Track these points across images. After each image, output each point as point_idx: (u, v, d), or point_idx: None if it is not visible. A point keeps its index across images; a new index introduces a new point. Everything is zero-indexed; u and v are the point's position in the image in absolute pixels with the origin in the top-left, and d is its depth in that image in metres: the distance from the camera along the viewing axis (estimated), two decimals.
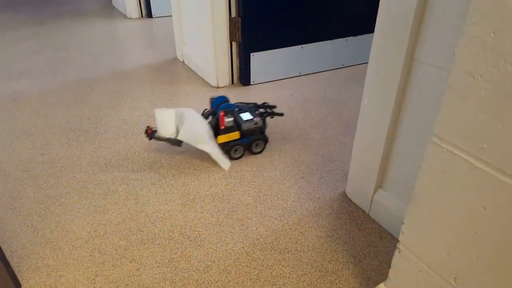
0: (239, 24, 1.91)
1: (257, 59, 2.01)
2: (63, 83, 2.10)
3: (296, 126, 1.68)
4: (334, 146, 1.54)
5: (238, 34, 1.94)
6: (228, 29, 1.93)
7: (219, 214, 1.20)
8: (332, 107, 1.84)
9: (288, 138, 1.60)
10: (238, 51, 2.01)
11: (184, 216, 1.20)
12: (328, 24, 2.12)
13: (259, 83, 2.09)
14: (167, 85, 2.08)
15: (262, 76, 2.08)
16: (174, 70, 2.29)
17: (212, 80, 2.07)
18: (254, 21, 1.91)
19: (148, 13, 3.33)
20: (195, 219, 1.18)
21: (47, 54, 2.52)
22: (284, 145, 1.55)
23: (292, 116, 1.77)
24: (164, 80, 2.14)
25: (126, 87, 2.06)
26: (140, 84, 2.09)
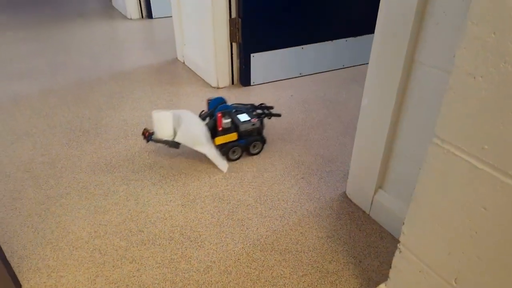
0: (239, 25, 1.91)
1: (257, 60, 2.02)
2: (63, 84, 2.10)
3: (296, 127, 1.69)
4: (334, 146, 1.55)
5: (238, 35, 1.94)
6: (228, 29, 1.93)
7: (220, 215, 1.20)
8: (332, 108, 1.84)
9: (288, 139, 1.60)
10: (238, 52, 2.01)
11: (185, 216, 1.20)
12: (328, 24, 2.12)
13: (259, 83, 2.09)
14: (168, 85, 2.08)
15: (262, 76, 2.08)
16: (174, 70, 2.29)
17: (212, 81, 2.07)
18: (254, 21, 1.91)
19: (149, 14, 3.33)
20: (196, 219, 1.19)
21: (47, 55, 2.52)
22: (284, 145, 1.55)
23: (292, 116, 1.77)
24: (164, 80, 2.15)
25: (126, 87, 2.06)
26: (140, 85, 2.09)
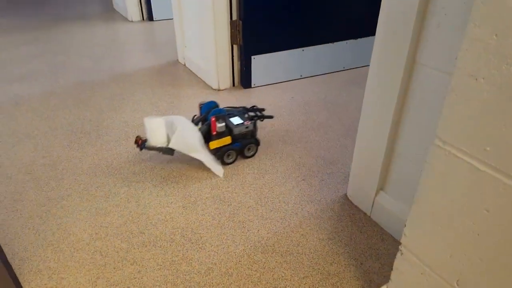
0: (240, 27, 1.91)
1: (258, 62, 2.02)
2: (64, 86, 2.10)
3: (297, 129, 1.69)
4: (335, 148, 1.55)
5: (239, 37, 1.94)
6: (229, 31, 1.94)
7: (221, 217, 1.20)
8: (333, 110, 1.85)
9: (289, 141, 1.60)
10: (239, 54, 2.02)
11: (186, 218, 1.20)
12: (328, 26, 2.12)
13: (260, 85, 2.10)
14: (168, 87, 2.09)
15: (263, 78, 2.09)
16: (175, 72, 2.30)
17: (213, 83, 2.07)
18: (255, 23, 1.92)
19: (149, 16, 3.33)
20: (197, 221, 1.18)
21: (48, 57, 2.53)
22: (285, 147, 1.55)
23: (293, 118, 1.77)
24: (165, 82, 2.15)
25: (127, 89, 2.06)
26: (141, 87, 2.09)
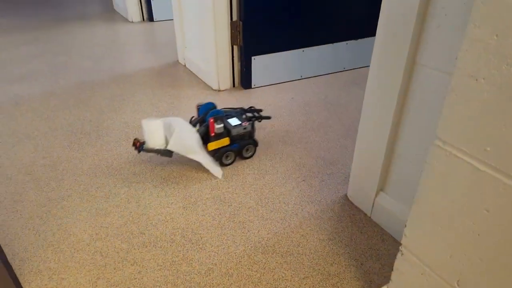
0: (240, 28, 1.91)
1: (258, 63, 2.02)
2: (64, 87, 2.10)
3: (297, 129, 1.69)
4: (336, 149, 1.55)
5: (239, 38, 1.95)
6: (229, 32, 1.94)
7: (221, 217, 1.20)
8: (333, 110, 1.85)
9: (289, 141, 1.60)
10: (239, 55, 2.02)
11: (186, 219, 1.20)
12: (329, 27, 2.12)
13: (260, 86, 2.10)
14: (169, 88, 2.09)
15: (263, 79, 2.09)
16: (175, 73, 2.30)
17: (213, 84, 2.07)
18: (255, 24, 1.92)
19: (150, 17, 3.34)
20: (197, 222, 1.18)
21: (49, 57, 2.53)
22: (285, 148, 1.55)
23: (293, 119, 1.77)
24: (165, 83, 2.15)
25: (127, 90, 2.06)
26: (142, 87, 2.09)
